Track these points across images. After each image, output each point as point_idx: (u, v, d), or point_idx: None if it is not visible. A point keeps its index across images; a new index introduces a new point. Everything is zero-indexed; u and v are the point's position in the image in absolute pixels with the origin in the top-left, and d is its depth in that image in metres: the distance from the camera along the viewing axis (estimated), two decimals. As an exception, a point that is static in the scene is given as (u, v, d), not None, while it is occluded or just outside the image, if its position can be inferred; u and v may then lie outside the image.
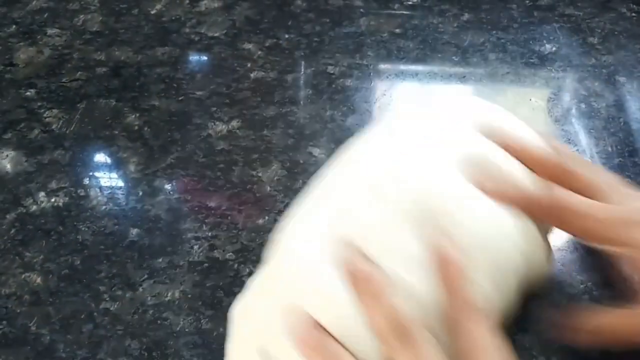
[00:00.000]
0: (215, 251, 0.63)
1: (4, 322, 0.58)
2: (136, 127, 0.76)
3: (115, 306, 0.59)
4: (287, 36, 0.88)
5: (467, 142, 0.52)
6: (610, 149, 0.73)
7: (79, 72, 0.83)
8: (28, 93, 0.81)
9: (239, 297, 0.53)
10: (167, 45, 0.87)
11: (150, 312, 0.59)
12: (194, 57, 0.86)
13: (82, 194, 0.69)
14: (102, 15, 0.92)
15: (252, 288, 0.52)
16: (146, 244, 0.64)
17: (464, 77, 0.82)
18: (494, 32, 0.88)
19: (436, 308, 0.45)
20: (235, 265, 0.62)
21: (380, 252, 0.46)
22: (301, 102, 0.79)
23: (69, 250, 0.64)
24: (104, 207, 0.68)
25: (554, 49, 0.86)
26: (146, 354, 0.56)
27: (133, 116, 0.77)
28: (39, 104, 0.79)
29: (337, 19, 0.91)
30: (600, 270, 0.61)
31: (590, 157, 0.72)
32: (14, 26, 0.91)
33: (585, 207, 0.49)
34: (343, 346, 0.45)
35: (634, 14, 0.92)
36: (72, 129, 0.76)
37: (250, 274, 0.60)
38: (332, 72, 0.83)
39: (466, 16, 0.91)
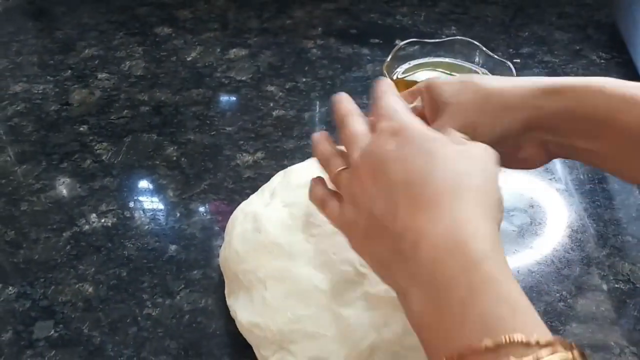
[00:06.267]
0: (243, 265, 0.63)
1: (61, 325, 0.59)
2: (174, 158, 0.77)
3: (157, 312, 0.60)
4: (304, 80, 0.89)
5: None
6: (582, 177, 0.73)
7: (125, 111, 0.84)
8: (81, 128, 0.82)
9: None
10: (201, 87, 0.88)
11: (187, 317, 0.59)
12: (224, 98, 0.87)
13: (128, 215, 0.70)
14: (145, 62, 0.94)
15: None
16: (183, 259, 0.65)
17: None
18: (482, 76, 0.89)
19: None
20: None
21: None
22: (316, 137, 0.80)
23: (116, 264, 0.64)
24: (146, 226, 0.68)
25: (534, 90, 0.87)
26: (183, 352, 0.56)
27: (172, 148, 0.78)
28: (91, 138, 0.80)
29: (347, 65, 0.92)
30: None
31: (565, 184, 0.72)
32: (69, 71, 0.92)
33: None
34: None
35: (602, 61, 0.92)
36: (119, 159, 0.77)
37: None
38: (342, 110, 0.83)
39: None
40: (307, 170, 0.61)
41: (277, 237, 0.54)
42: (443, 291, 0.35)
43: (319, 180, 0.50)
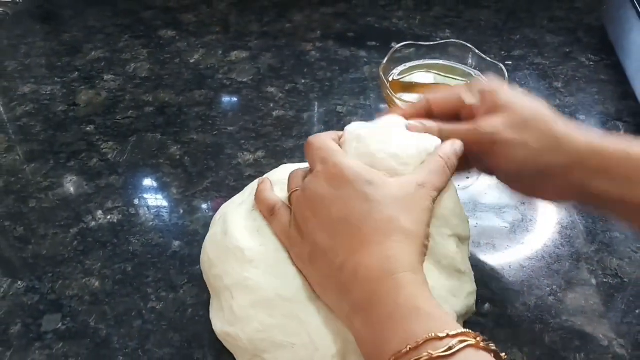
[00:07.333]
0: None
1: (68, 318, 0.59)
2: (178, 157, 0.77)
3: (161, 305, 0.60)
4: (303, 81, 0.89)
5: None
6: (573, 175, 0.73)
7: (131, 111, 0.84)
8: (88, 128, 0.81)
9: None
10: (203, 88, 0.88)
11: (190, 310, 0.59)
12: (226, 99, 0.87)
13: (133, 212, 0.70)
14: (150, 64, 0.94)
15: None
16: (186, 254, 0.65)
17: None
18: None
19: None
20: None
21: None
22: (315, 136, 0.80)
23: (122, 259, 0.64)
24: (151, 223, 0.68)
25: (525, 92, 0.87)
26: (186, 345, 0.56)
27: (175, 148, 0.78)
28: (97, 137, 0.80)
29: (345, 67, 0.92)
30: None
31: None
32: (76, 73, 0.92)
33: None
34: None
35: (591, 63, 0.92)
36: (124, 158, 0.77)
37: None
38: (340, 111, 0.83)
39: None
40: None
41: (239, 242, 0.53)
42: (375, 311, 0.43)
43: (268, 182, 0.56)
